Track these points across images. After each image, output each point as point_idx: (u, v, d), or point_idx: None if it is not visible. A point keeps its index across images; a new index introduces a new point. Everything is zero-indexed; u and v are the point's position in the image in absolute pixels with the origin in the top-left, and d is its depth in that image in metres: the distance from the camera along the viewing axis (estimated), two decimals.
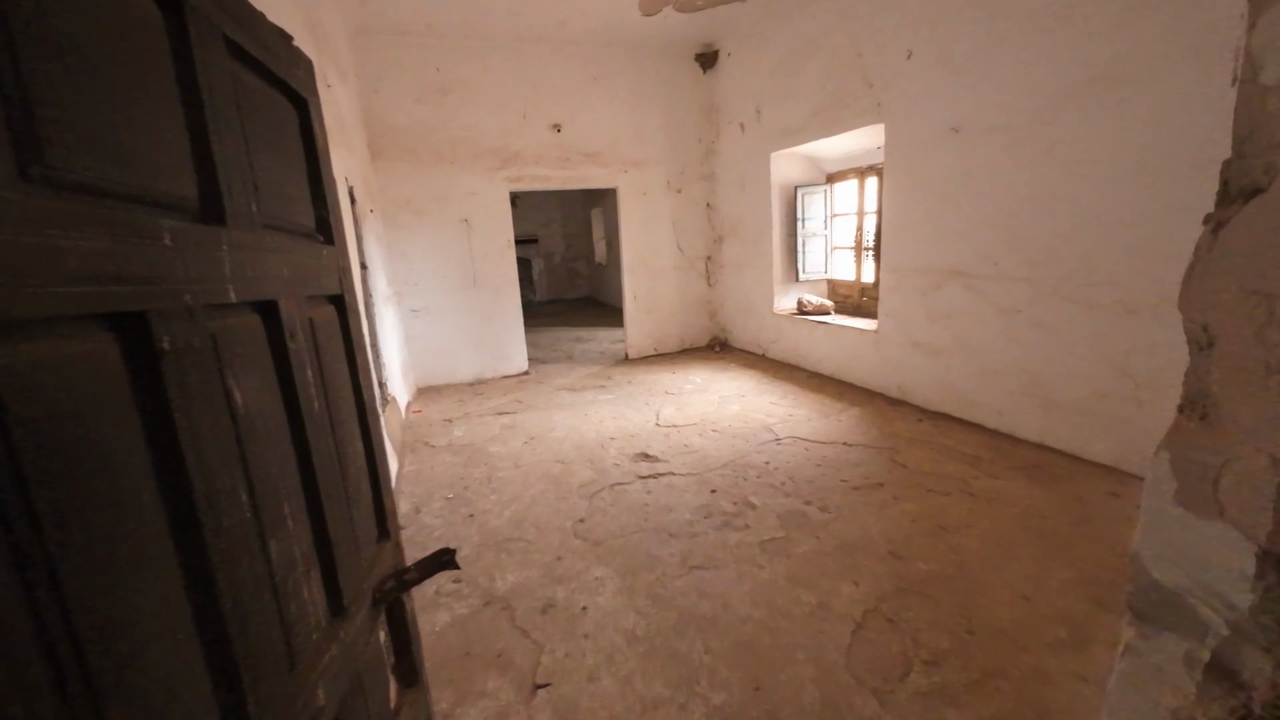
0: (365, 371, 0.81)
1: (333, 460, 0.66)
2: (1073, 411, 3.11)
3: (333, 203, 0.77)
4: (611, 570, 2.39)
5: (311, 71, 0.73)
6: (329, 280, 0.73)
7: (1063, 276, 3.05)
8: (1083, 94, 2.84)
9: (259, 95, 0.59)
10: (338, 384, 0.72)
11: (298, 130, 0.71)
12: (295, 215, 0.67)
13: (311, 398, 0.62)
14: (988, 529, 2.50)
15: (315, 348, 0.66)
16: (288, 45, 0.68)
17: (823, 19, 4.47)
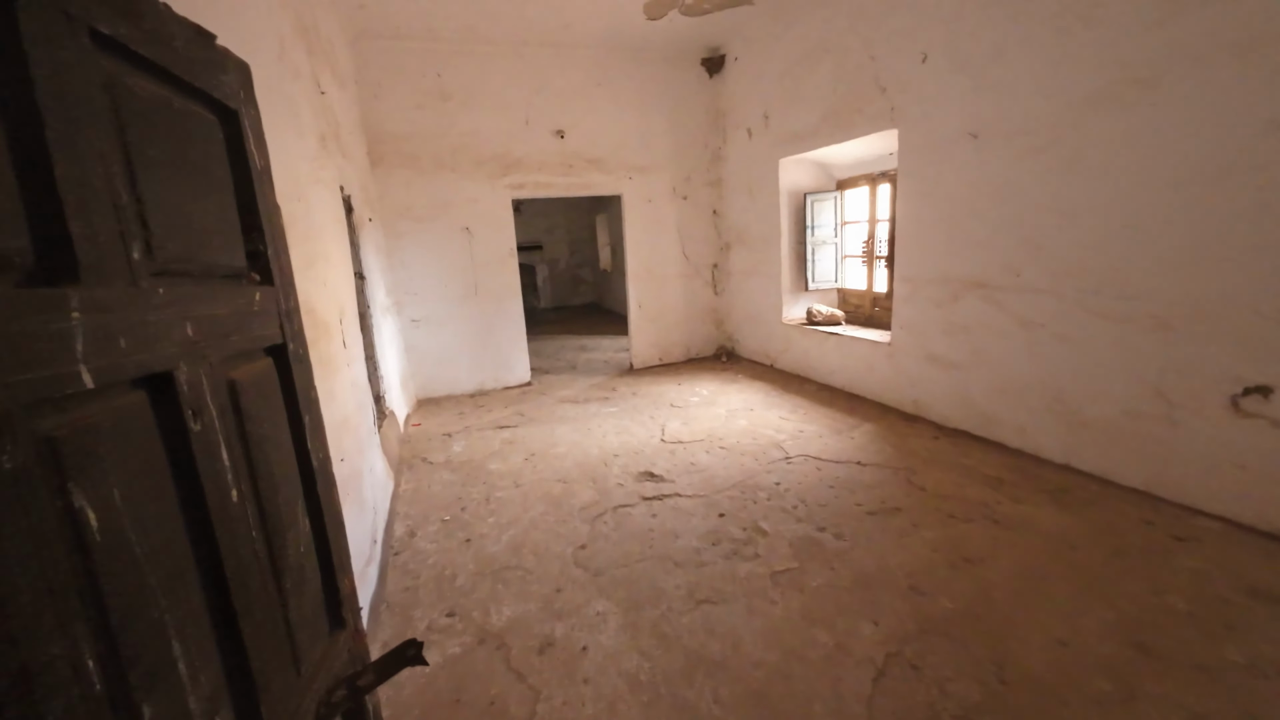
0: (316, 431, 0.68)
1: (259, 559, 0.53)
2: (1101, 432, 2.94)
3: (273, 233, 0.64)
4: (614, 604, 2.25)
5: (247, 77, 0.61)
6: (266, 328, 0.61)
7: (1089, 289, 2.90)
8: (1111, 97, 2.69)
9: (158, 106, 0.47)
10: (274, 456, 0.59)
11: (223, 148, 0.58)
12: (213, 253, 0.54)
13: (226, 487, 0.49)
14: (1015, 561, 2.34)
15: (238, 419, 0.53)
16: (208, 46, 0.56)
17: (834, 21, 4.34)
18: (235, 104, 0.60)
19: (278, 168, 2.01)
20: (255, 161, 0.64)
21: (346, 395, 2.52)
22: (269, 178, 0.65)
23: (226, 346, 0.52)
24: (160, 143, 0.46)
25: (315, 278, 2.27)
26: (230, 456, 0.50)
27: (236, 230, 0.59)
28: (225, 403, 0.51)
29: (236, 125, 0.61)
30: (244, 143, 0.61)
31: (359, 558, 2.23)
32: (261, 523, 0.55)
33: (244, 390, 0.55)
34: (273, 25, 2.18)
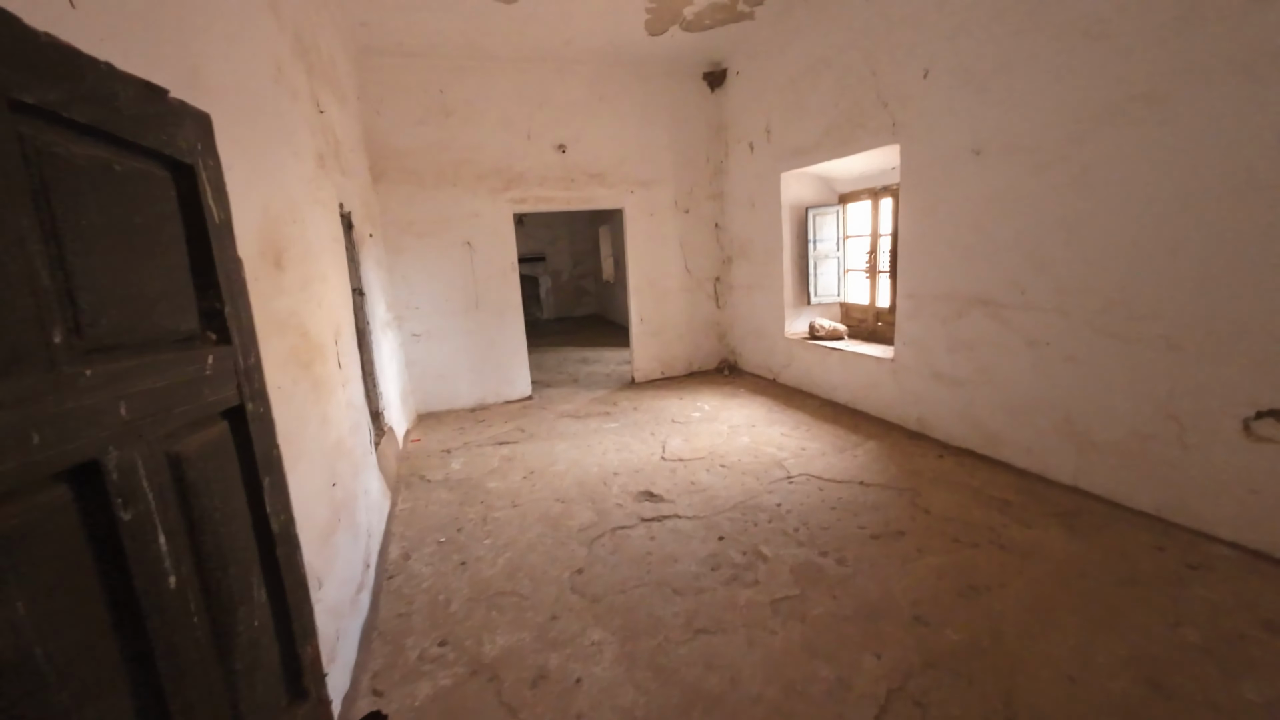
0: (278, 492, 0.65)
1: (201, 646, 0.50)
2: (1110, 454, 2.88)
3: (233, 288, 0.61)
4: (610, 633, 2.20)
5: (206, 127, 0.58)
6: (221, 391, 0.58)
7: (1097, 308, 2.84)
8: (1117, 114, 2.66)
9: (97, 170, 0.44)
10: (225, 529, 0.56)
11: (175, 207, 0.56)
12: (160, 320, 0.51)
13: (162, 575, 0.46)
14: (1023, 589, 2.28)
15: (182, 497, 0.50)
16: (159, 101, 0.53)
17: (835, 36, 4.33)
18: (191, 158, 0.57)
19: (274, 191, 2.00)
20: (213, 216, 0.61)
21: (341, 417, 2.49)
22: (229, 231, 0.62)
23: (170, 420, 0.49)
24: (98, 209, 0.43)
25: (310, 299, 2.25)
26: (169, 540, 0.47)
27: (187, 291, 0.56)
28: (166, 481, 0.48)
29: (192, 180, 0.58)
30: (200, 198, 0.59)
31: (350, 584, 2.20)
32: (206, 605, 0.52)
33: (190, 464, 0.52)
34: (269, 49, 2.18)
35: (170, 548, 0.48)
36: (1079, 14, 2.74)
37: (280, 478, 0.67)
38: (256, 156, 1.84)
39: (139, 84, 0.51)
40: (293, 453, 1.76)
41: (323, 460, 2.09)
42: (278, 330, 1.83)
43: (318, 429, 2.09)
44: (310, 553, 1.79)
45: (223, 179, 0.63)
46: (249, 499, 0.62)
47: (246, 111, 1.80)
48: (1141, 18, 2.51)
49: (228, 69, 1.68)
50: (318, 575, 1.82)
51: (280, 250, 1.96)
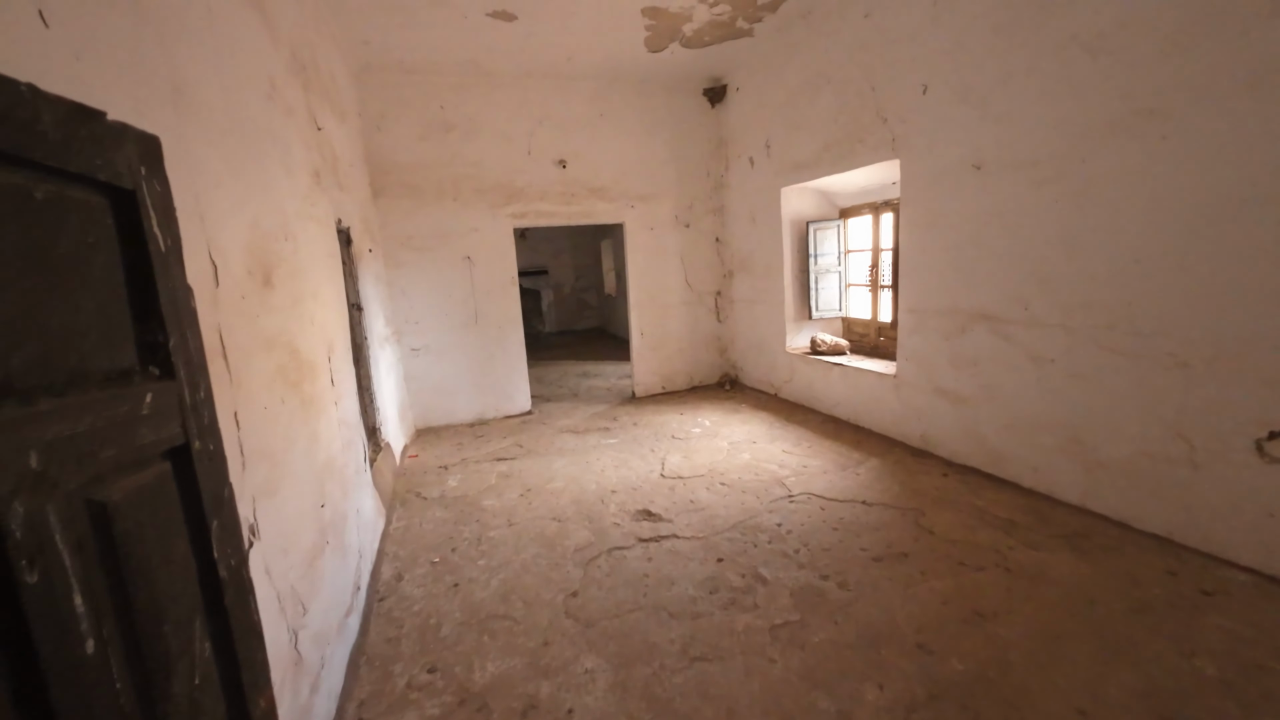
0: (228, 535, 0.61)
1: (126, 712, 0.45)
2: (1119, 473, 2.81)
3: (180, 318, 0.57)
4: (604, 660, 2.13)
5: (152, 150, 0.55)
6: (162, 430, 0.54)
7: (1102, 324, 2.79)
8: (1120, 129, 2.63)
9: (8, 198, 0.41)
10: (160, 578, 0.52)
11: (112, 234, 0.52)
12: (83, 357, 0.47)
13: (77, 640, 0.42)
14: (1031, 616, 2.20)
15: (107, 548, 0.46)
16: (92, 123, 0.50)
17: (833, 52, 4.34)
18: (132, 183, 0.54)
19: (264, 208, 1.98)
20: (159, 242, 0.57)
21: (332, 435, 2.45)
22: (177, 257, 0.58)
23: (95, 465, 0.46)
24: (13, 239, 0.40)
25: (301, 316, 2.22)
26: (88, 599, 0.43)
27: (124, 324, 0.52)
28: (85, 534, 0.44)
29: (133, 206, 0.55)
30: (142, 224, 0.55)
31: (338, 608, 2.14)
32: (131, 668, 0.47)
33: (120, 512, 0.48)
34: (262, 66, 2.18)
35: (89, 608, 0.44)
36: (1078, 29, 2.73)
37: (230, 519, 0.63)
38: (245, 173, 1.83)
39: (68, 106, 0.48)
40: (277, 474, 1.72)
41: (311, 480, 2.05)
42: (265, 348, 1.80)
43: (306, 448, 2.05)
44: (294, 577, 1.75)
45: (171, 203, 0.60)
46: (194, 544, 0.58)
47: (235, 128, 1.78)
48: (1143, 33, 2.49)
49: (215, 86, 1.67)
50: (302, 600, 1.77)
51: (270, 267, 1.94)
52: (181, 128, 1.40)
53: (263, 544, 1.51)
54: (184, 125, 1.41)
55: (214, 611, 0.60)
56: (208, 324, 1.39)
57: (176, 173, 1.32)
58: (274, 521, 1.63)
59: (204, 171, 1.50)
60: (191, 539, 0.58)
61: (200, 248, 1.41)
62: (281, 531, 1.68)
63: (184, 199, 1.35)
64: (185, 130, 1.42)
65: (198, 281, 1.37)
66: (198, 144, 1.48)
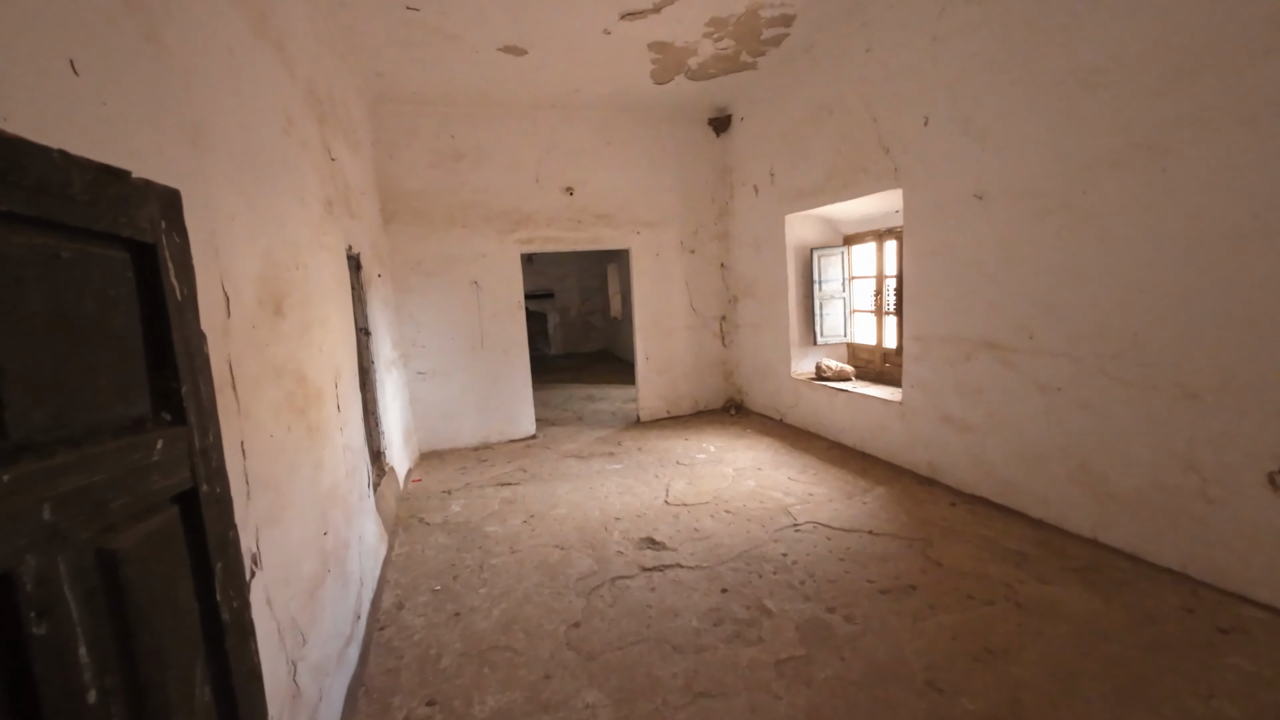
0: (232, 578, 0.62)
1: None
2: (1130, 505, 2.77)
3: (193, 365, 0.59)
4: (605, 695, 2.09)
5: (174, 205, 0.58)
6: (171, 476, 0.55)
7: (1109, 354, 2.78)
8: (1120, 162, 2.66)
9: (36, 262, 0.43)
10: (164, 625, 0.52)
11: (132, 288, 0.54)
12: (102, 407, 0.49)
13: (80, 690, 0.42)
14: (1043, 653, 2.15)
15: (115, 598, 0.47)
16: (118, 183, 0.53)
17: (836, 84, 4.43)
18: (152, 237, 0.56)
19: (277, 239, 2.03)
20: (175, 292, 0.59)
21: (337, 462, 2.46)
22: (192, 306, 0.60)
23: (107, 515, 0.47)
24: (40, 299, 0.42)
25: (309, 344, 2.25)
26: (92, 650, 0.44)
27: (139, 374, 0.54)
28: (94, 584, 0.45)
29: (153, 259, 0.57)
30: (160, 276, 0.57)
31: (338, 638, 2.12)
32: (131, 716, 0.47)
33: (128, 560, 0.48)
34: (280, 103, 2.25)
35: (92, 658, 0.44)
36: (1075, 65, 2.78)
37: (235, 562, 0.64)
38: (261, 206, 1.87)
39: (96, 169, 0.50)
40: (281, 503, 1.72)
41: (314, 508, 2.05)
42: (274, 377, 1.82)
43: (310, 475, 2.05)
44: (295, 608, 1.74)
45: (189, 255, 0.62)
46: (197, 587, 0.59)
47: (251, 163, 1.83)
48: (1140, 69, 2.54)
49: (234, 123, 1.72)
50: (302, 631, 1.76)
51: (281, 297, 1.97)
52: (200, 167, 1.44)
53: (265, 574, 1.51)
54: (203, 164, 1.45)
55: (215, 655, 0.60)
56: (218, 356, 1.42)
57: (193, 211, 1.36)
58: (277, 551, 1.63)
59: (220, 207, 1.54)
60: (196, 582, 0.58)
61: (214, 281, 1.44)
62: (284, 561, 1.68)
63: (199, 234, 1.38)
64: (204, 169, 1.46)
65: (210, 314, 1.40)
66: (215, 181, 1.53)
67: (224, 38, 1.74)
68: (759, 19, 4.01)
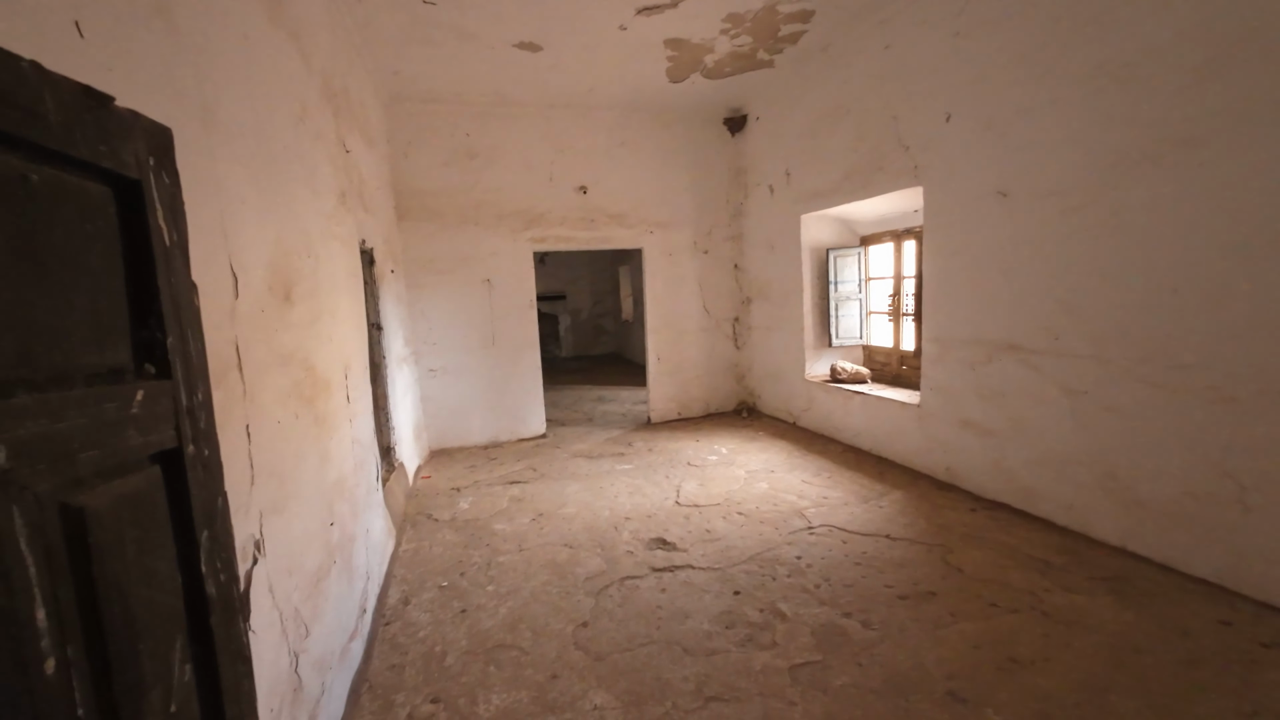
0: (219, 549, 0.57)
1: None
2: (1161, 513, 2.66)
3: (181, 317, 0.55)
4: (613, 697, 2.03)
5: (163, 143, 0.54)
6: (152, 432, 0.51)
7: (1137, 356, 2.68)
8: (1151, 157, 2.57)
9: (2, 181, 0.39)
10: (139, 595, 0.48)
11: (114, 227, 0.50)
12: (70, 353, 0.44)
13: (37, 658, 0.38)
14: (1071, 665, 2.06)
15: (81, 558, 0.43)
16: (99, 108, 0.49)
17: (854, 83, 4.37)
18: (137, 173, 0.52)
19: (288, 226, 2.01)
20: (164, 237, 0.55)
21: (344, 454, 2.43)
22: (182, 254, 0.56)
23: (70, 469, 0.42)
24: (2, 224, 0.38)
25: (318, 334, 2.23)
26: (52, 615, 0.39)
27: (119, 320, 0.50)
28: (56, 543, 0.41)
29: (138, 198, 0.53)
30: (147, 217, 0.53)
31: (342, 632, 2.08)
32: (98, 693, 0.43)
33: (98, 519, 0.44)
34: (295, 92, 2.24)
35: (53, 624, 0.40)
36: (1105, 59, 2.70)
37: (223, 532, 0.59)
38: (271, 192, 1.85)
39: (74, 88, 0.46)
40: (285, 491, 1.69)
41: (320, 499, 2.02)
42: (281, 364, 1.80)
43: (316, 466, 2.02)
44: (298, 598, 1.70)
45: (179, 198, 0.58)
46: (181, 557, 0.54)
47: (263, 149, 1.82)
48: (1173, 62, 2.45)
49: (246, 108, 1.71)
50: (305, 623, 1.72)
51: (290, 284, 1.95)
52: (209, 147, 1.42)
53: (267, 562, 1.48)
54: (212, 144, 1.43)
55: (199, 632, 0.56)
56: (225, 336, 1.39)
57: (201, 191, 1.34)
58: (280, 539, 1.59)
59: (229, 190, 1.52)
60: (179, 552, 0.54)
61: (222, 261, 1.42)
62: (288, 550, 1.65)
63: (208, 214, 1.36)
64: (213, 149, 1.44)
65: (217, 294, 1.37)
66: (225, 163, 1.51)
67: (238, 21, 1.73)
68: (777, 15, 3.97)
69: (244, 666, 0.64)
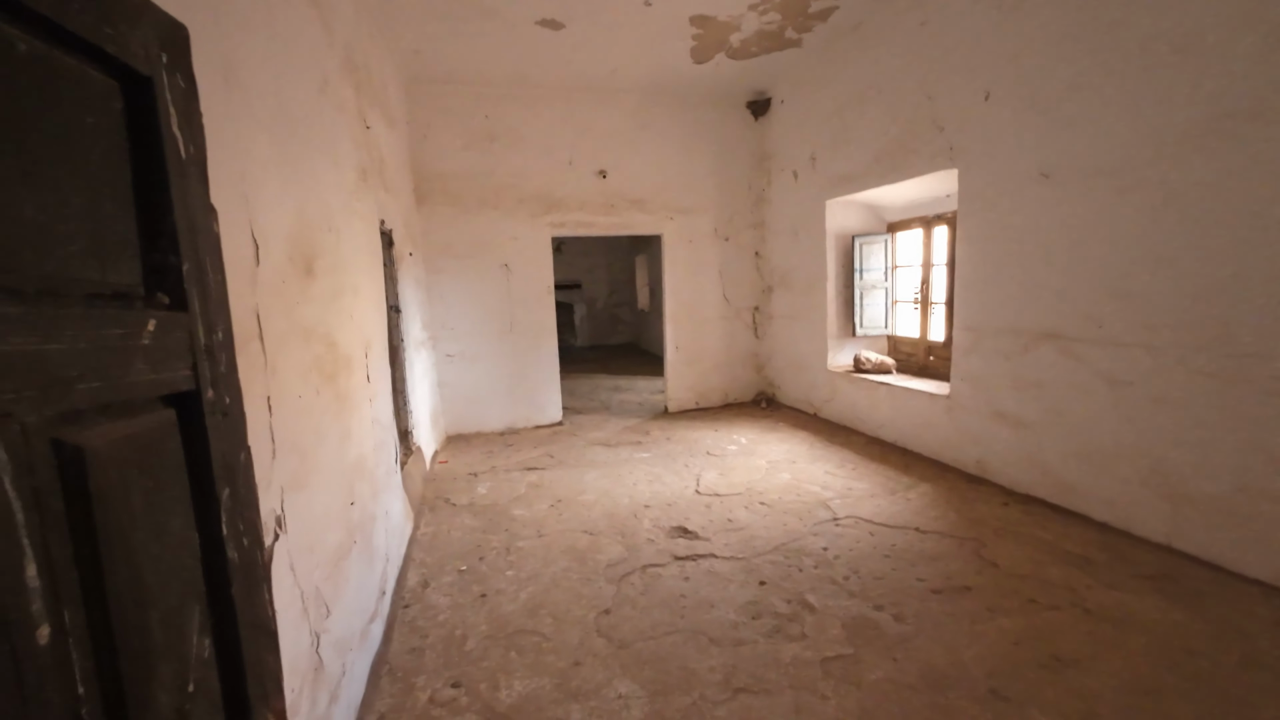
0: (243, 509, 0.51)
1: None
2: (1212, 510, 2.53)
3: (199, 242, 0.48)
4: (638, 685, 1.97)
5: (178, 39, 0.46)
6: (165, 369, 0.44)
7: (1193, 344, 2.54)
8: (1213, 133, 2.41)
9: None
10: (150, 553, 0.41)
11: (119, 123, 0.43)
12: (59, 262, 0.37)
13: (26, 624, 0.31)
14: (1120, 666, 1.95)
15: (80, 506, 0.36)
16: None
17: (886, 62, 4.21)
18: (147, 68, 0.45)
19: (309, 197, 1.95)
20: (179, 147, 0.48)
21: (365, 434, 2.39)
22: (200, 170, 0.49)
23: (64, 400, 0.36)
24: None
25: (340, 310, 2.18)
26: (45, 571, 0.33)
27: (128, 235, 0.43)
28: (49, 485, 0.34)
29: (149, 97, 0.46)
30: (158, 120, 0.46)
31: (362, 614, 2.05)
32: (100, 668, 0.37)
33: (98, 462, 0.38)
34: (317, 61, 2.17)
35: (45, 583, 0.33)
36: (1165, 28, 2.54)
37: (247, 489, 0.53)
38: (293, 161, 1.79)
39: None
40: (306, 467, 1.64)
41: (340, 477, 1.98)
42: (303, 338, 1.75)
43: (337, 444, 1.98)
44: (319, 577, 1.66)
45: (196, 107, 0.51)
46: (198, 516, 0.48)
47: (285, 116, 1.75)
48: (1242, 29, 2.29)
49: (267, 73, 1.64)
50: (326, 602, 1.68)
51: (312, 257, 1.90)
52: (230, 107, 1.36)
53: (289, 539, 1.43)
54: (232, 104, 1.37)
55: (218, 601, 0.49)
56: (246, 304, 1.34)
57: (223, 150, 1.28)
58: (301, 516, 1.54)
59: (251, 152, 1.46)
60: (196, 509, 0.47)
61: (243, 226, 1.36)
62: (308, 528, 1.60)
63: (229, 176, 1.31)
64: (234, 110, 1.38)
65: (239, 259, 1.32)
66: (245, 124, 1.45)
67: None
68: None
69: (268, 639, 0.58)
